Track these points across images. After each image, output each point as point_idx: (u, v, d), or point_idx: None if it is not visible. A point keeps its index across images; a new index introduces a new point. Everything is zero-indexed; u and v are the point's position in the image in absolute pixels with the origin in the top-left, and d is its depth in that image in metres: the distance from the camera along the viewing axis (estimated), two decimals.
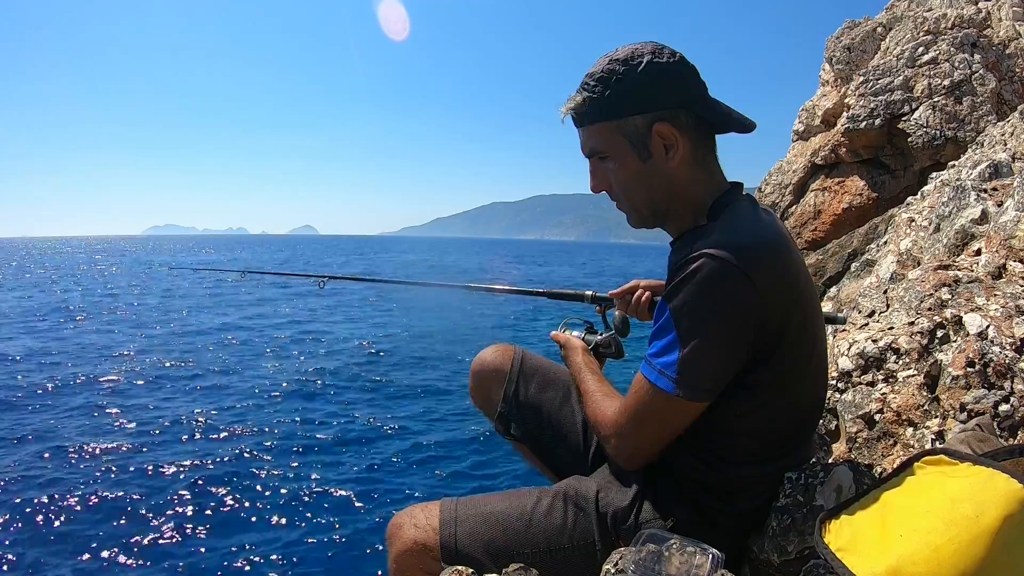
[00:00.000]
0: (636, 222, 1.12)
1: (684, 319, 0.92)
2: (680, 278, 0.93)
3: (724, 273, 0.90)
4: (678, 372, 0.93)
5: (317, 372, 9.43)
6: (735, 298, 0.91)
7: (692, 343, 0.92)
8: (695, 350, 0.92)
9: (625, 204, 1.11)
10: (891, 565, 0.71)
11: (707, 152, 1.07)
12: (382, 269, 42.94)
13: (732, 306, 0.91)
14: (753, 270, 0.90)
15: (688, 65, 1.03)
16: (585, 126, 1.07)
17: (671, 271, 1.00)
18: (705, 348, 0.92)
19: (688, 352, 0.92)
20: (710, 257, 0.90)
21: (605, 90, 1.01)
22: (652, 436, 1.02)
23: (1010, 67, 4.04)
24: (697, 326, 0.92)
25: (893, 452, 1.21)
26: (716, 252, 0.90)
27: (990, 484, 0.72)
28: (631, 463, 1.08)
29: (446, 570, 1.01)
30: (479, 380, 1.46)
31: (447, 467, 5.70)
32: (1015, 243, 1.56)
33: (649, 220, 1.11)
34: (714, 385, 0.96)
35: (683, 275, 0.93)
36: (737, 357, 0.94)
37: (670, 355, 0.94)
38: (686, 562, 0.83)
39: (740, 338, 0.93)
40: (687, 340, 0.92)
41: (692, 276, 0.91)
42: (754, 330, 0.93)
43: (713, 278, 0.90)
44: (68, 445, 5.99)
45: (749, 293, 0.90)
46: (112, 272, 36.21)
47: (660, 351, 0.96)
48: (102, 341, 11.80)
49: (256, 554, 4.19)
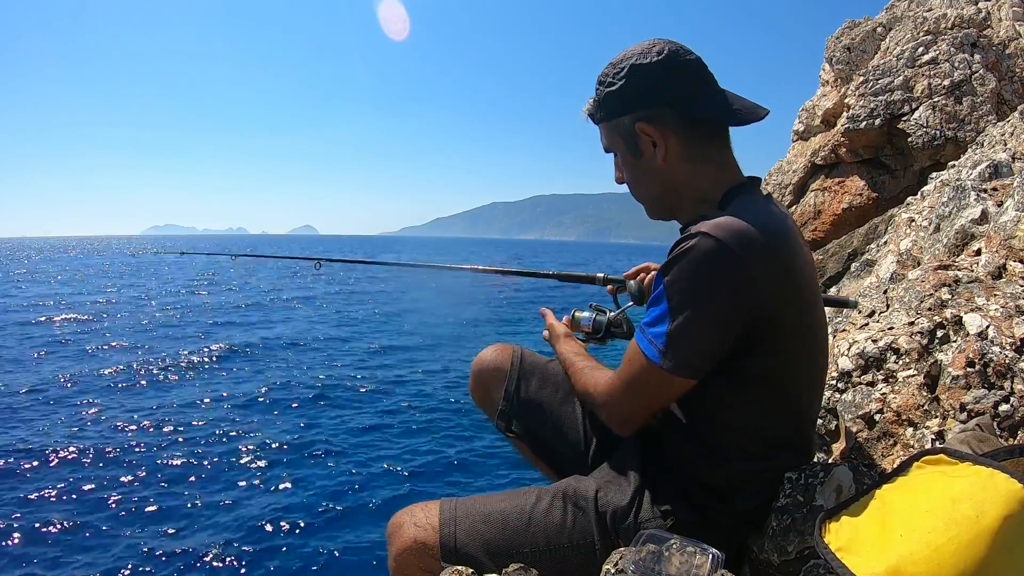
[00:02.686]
0: (650, 214, 1.18)
1: (675, 294, 0.94)
2: (675, 254, 0.95)
3: (717, 252, 0.91)
4: (666, 344, 0.95)
5: (317, 371, 9.44)
6: (726, 277, 0.92)
7: (680, 318, 0.94)
8: (683, 325, 0.94)
9: (636, 197, 1.17)
10: (891, 565, 0.71)
11: (707, 147, 1.08)
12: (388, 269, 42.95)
13: (722, 285, 0.92)
14: (746, 252, 0.91)
15: (676, 63, 1.04)
16: (597, 125, 1.15)
17: (670, 248, 1.02)
18: (692, 324, 0.94)
19: (676, 326, 0.94)
20: (704, 236, 0.92)
21: (601, 93, 1.09)
22: (642, 404, 1.05)
23: (1010, 67, 4.04)
24: (686, 302, 0.93)
25: (893, 452, 1.21)
26: (711, 231, 0.92)
27: (990, 484, 0.72)
28: (623, 429, 1.10)
29: (446, 570, 1.01)
30: (479, 379, 1.47)
31: (447, 467, 5.70)
32: (1015, 243, 1.56)
33: (659, 213, 1.16)
34: (699, 362, 0.97)
35: (678, 251, 0.95)
36: (724, 337, 0.95)
37: (661, 326, 0.96)
38: (686, 562, 0.83)
39: (729, 318, 0.94)
40: (676, 314, 0.94)
41: (686, 253, 0.93)
42: (744, 312, 0.93)
43: (706, 256, 0.92)
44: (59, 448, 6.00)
45: (741, 274, 0.91)
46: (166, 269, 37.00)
47: (652, 321, 0.98)
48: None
49: (256, 553, 4.20)
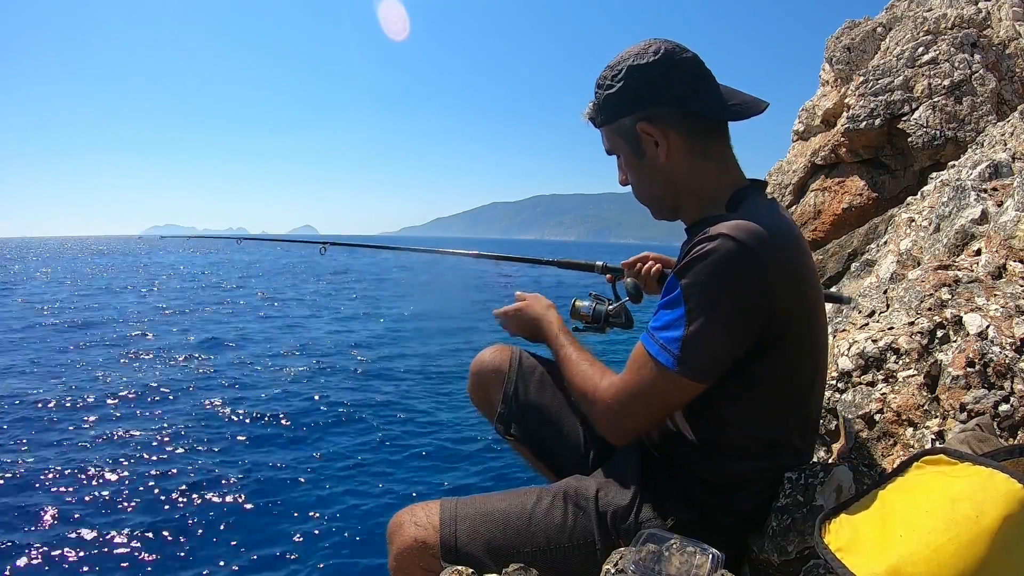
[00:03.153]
0: (654, 214, 1.17)
1: (694, 297, 0.92)
2: (696, 255, 0.92)
3: (741, 256, 0.90)
4: (681, 349, 0.93)
5: (317, 371, 9.43)
6: (749, 282, 0.91)
7: (699, 321, 0.92)
8: (701, 328, 0.92)
9: (639, 198, 1.17)
10: (891, 565, 0.71)
11: (710, 144, 1.07)
12: (390, 266, 42.86)
13: (744, 290, 0.91)
14: (768, 258, 0.91)
15: (673, 62, 1.04)
16: (598, 128, 1.14)
17: (686, 250, 0.99)
18: (711, 328, 0.92)
19: (694, 330, 0.92)
20: (728, 238, 0.90)
21: (601, 96, 1.09)
22: (648, 412, 1.01)
23: (1010, 67, 4.04)
24: (706, 305, 0.91)
25: (893, 452, 1.21)
26: (735, 234, 0.90)
27: (990, 484, 0.72)
28: (621, 437, 1.06)
29: (446, 570, 1.01)
30: (478, 380, 1.45)
31: (447, 467, 5.70)
32: (1015, 243, 1.56)
33: (663, 213, 1.15)
34: (714, 367, 0.95)
35: (699, 252, 0.92)
36: (740, 341, 0.94)
37: (675, 331, 0.94)
38: (686, 562, 0.83)
39: (747, 323, 0.93)
40: (694, 317, 0.92)
41: (709, 254, 0.91)
42: (762, 315, 0.93)
43: (729, 259, 0.90)
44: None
45: (762, 280, 0.91)
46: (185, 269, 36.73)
47: (665, 325, 0.95)
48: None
49: (256, 552, 4.19)
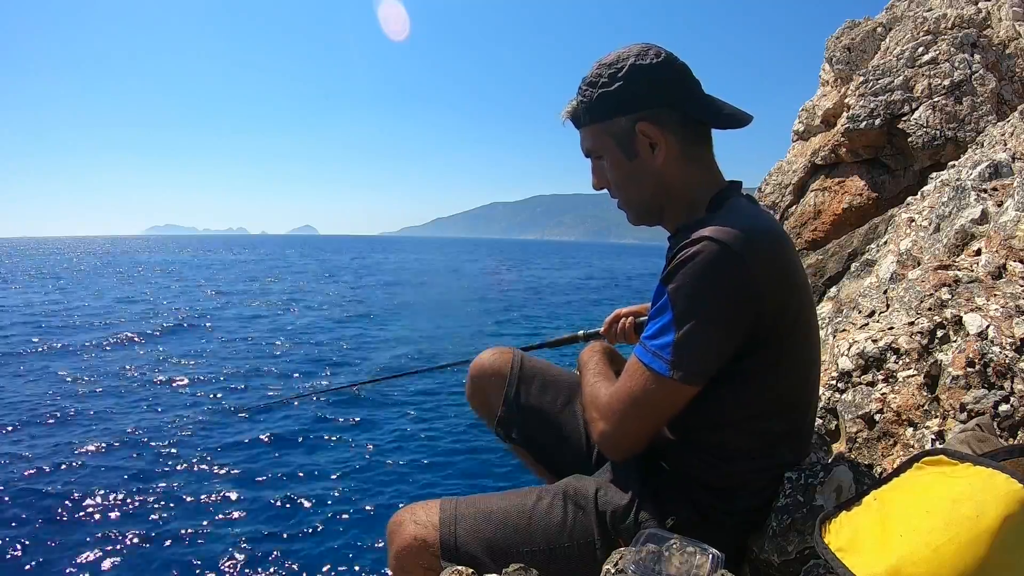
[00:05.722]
0: (634, 219, 1.15)
1: (681, 301, 0.93)
2: (680, 260, 0.93)
3: (724, 257, 0.90)
4: (672, 354, 0.93)
5: (317, 371, 9.43)
6: (734, 282, 0.91)
7: (688, 325, 0.92)
8: (691, 332, 0.92)
9: (621, 202, 1.14)
10: (891, 565, 0.71)
11: (699, 149, 1.08)
12: (400, 267, 42.80)
13: (730, 290, 0.92)
14: (752, 257, 0.91)
15: (674, 64, 1.05)
16: (581, 128, 1.12)
17: (670, 257, 1.00)
18: (701, 330, 0.92)
19: (683, 334, 0.93)
20: (711, 240, 0.91)
21: (593, 94, 1.07)
22: (642, 420, 1.00)
23: (1010, 67, 4.04)
24: (694, 308, 0.92)
25: (893, 452, 1.21)
26: (717, 236, 0.91)
27: (990, 484, 0.72)
28: (616, 449, 1.04)
29: (446, 569, 1.01)
30: (477, 384, 1.43)
31: (448, 467, 5.71)
32: (1015, 243, 1.56)
33: (645, 217, 1.14)
34: (707, 368, 0.96)
35: (683, 257, 0.93)
36: (731, 342, 0.95)
37: (665, 336, 0.94)
38: (686, 562, 0.83)
39: (736, 322, 0.93)
40: (683, 322, 0.93)
41: (692, 258, 0.92)
42: (751, 314, 0.93)
43: (713, 261, 0.91)
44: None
45: (747, 279, 0.91)
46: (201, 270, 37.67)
47: (655, 333, 0.96)
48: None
49: (257, 552, 4.20)
